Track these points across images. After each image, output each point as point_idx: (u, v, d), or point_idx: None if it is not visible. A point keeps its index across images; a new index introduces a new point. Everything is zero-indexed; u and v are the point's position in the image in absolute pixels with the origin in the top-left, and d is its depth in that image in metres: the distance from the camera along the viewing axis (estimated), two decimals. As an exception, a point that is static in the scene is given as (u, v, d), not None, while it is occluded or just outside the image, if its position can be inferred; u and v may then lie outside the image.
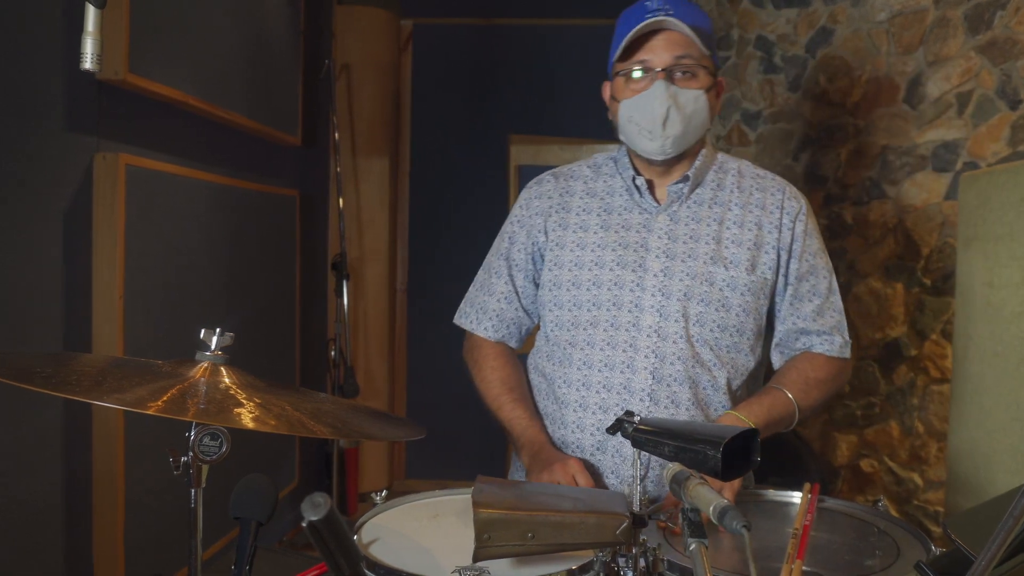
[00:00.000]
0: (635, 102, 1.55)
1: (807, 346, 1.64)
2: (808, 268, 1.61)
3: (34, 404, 1.81)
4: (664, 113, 1.52)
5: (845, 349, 1.64)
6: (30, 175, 1.80)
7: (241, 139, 2.96)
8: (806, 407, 1.56)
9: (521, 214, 1.72)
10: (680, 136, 1.54)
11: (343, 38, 4.19)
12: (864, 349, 2.71)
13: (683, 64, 1.53)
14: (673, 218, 1.60)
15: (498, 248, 1.75)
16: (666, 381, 1.53)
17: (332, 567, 0.75)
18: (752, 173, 1.66)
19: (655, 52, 1.53)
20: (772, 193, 1.62)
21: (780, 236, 1.59)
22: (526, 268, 1.70)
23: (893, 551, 1.22)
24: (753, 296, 1.57)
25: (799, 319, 1.62)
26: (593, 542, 1.14)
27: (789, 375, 1.59)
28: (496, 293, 1.72)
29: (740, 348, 1.58)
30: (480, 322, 1.73)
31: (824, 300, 1.62)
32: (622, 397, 1.55)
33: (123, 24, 1.99)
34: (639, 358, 1.55)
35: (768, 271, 1.58)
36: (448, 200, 4.45)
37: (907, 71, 2.59)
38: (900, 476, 2.62)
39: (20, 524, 1.77)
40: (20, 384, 0.89)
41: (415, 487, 3.84)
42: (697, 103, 1.54)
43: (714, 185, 1.63)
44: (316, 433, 0.99)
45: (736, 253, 1.57)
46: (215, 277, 2.65)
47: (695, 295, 1.55)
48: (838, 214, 2.75)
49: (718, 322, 1.55)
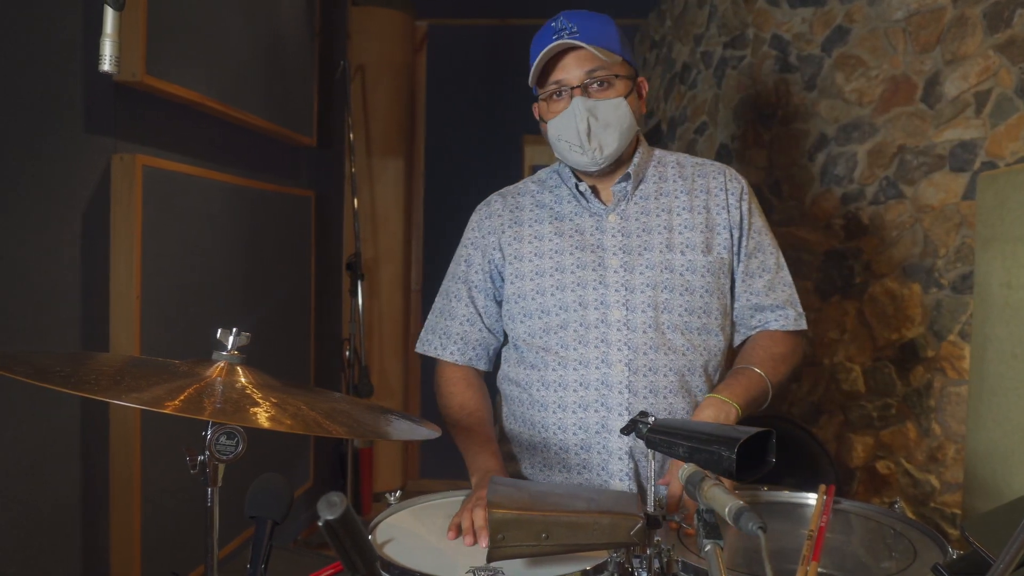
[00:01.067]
0: (558, 121, 1.59)
1: (763, 323, 1.68)
2: (755, 245, 1.66)
3: (52, 403, 1.82)
4: (586, 127, 1.56)
5: (800, 321, 1.69)
6: (49, 176, 1.82)
7: (257, 140, 2.97)
8: (776, 383, 1.61)
9: (474, 236, 1.74)
10: (607, 146, 1.58)
11: (358, 39, 4.21)
12: (880, 350, 2.70)
13: (597, 76, 1.57)
14: (623, 216, 1.64)
15: (455, 273, 1.75)
16: (642, 371, 1.56)
17: (348, 566, 0.75)
18: (691, 162, 1.71)
19: (567, 71, 1.58)
20: (714, 177, 1.67)
21: (729, 216, 1.64)
22: (485, 288, 1.71)
23: (910, 553, 1.21)
24: (713, 276, 1.61)
25: (752, 295, 1.66)
26: (607, 543, 1.14)
27: (756, 353, 1.63)
28: (458, 317, 1.72)
29: (709, 329, 1.61)
30: (445, 347, 1.73)
31: (774, 275, 1.67)
32: (600, 393, 1.57)
33: (140, 26, 2.00)
34: (612, 352, 1.57)
35: (723, 251, 1.63)
36: (462, 200, 4.42)
37: (924, 70, 2.57)
38: (917, 478, 2.60)
39: (38, 522, 1.79)
40: (39, 383, 0.90)
41: (429, 487, 3.85)
42: (618, 110, 1.58)
43: (656, 178, 1.68)
44: (332, 433, 0.99)
45: (690, 237, 1.61)
46: (231, 277, 2.66)
47: (658, 284, 1.58)
48: (854, 214, 2.73)
49: (684, 306, 1.59)
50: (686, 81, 3.67)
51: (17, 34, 1.70)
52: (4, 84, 1.66)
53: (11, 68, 1.68)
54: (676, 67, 3.79)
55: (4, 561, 1.67)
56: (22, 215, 1.73)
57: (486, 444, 1.59)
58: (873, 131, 2.70)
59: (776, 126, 3.02)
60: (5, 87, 1.67)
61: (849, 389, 2.78)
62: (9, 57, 1.68)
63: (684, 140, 3.67)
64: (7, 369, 0.92)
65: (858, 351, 2.75)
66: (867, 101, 2.72)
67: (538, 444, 1.63)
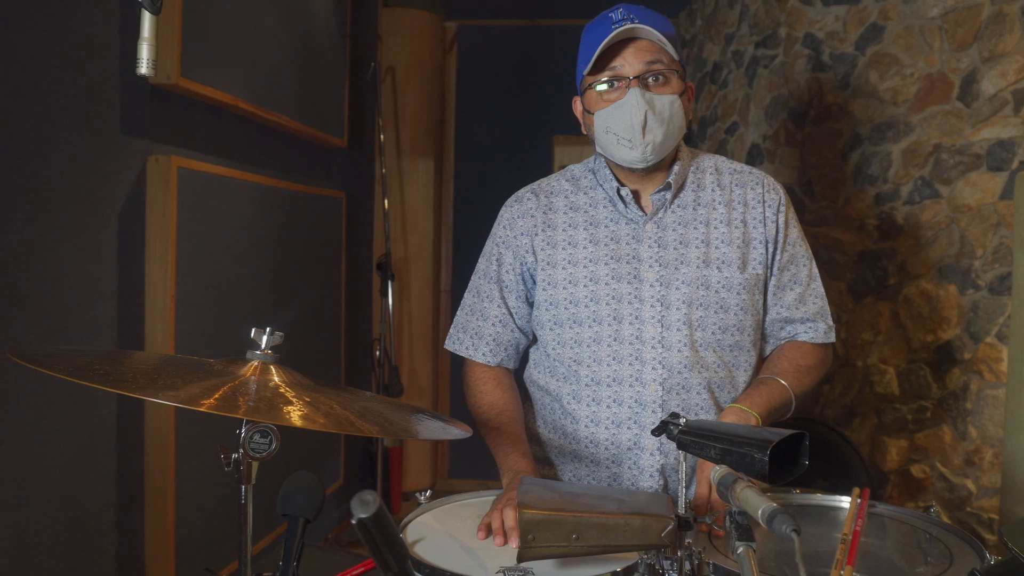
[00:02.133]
0: (611, 112, 1.54)
1: (792, 335, 1.66)
2: (789, 257, 1.63)
3: (90, 401, 1.85)
4: (642, 120, 1.51)
5: (830, 334, 1.66)
6: (86, 177, 1.85)
7: (289, 141, 3.00)
8: (800, 394, 1.59)
9: (505, 235, 1.70)
10: (659, 142, 1.54)
11: (388, 40, 4.23)
12: (915, 352, 2.66)
13: (655, 70, 1.53)
14: (660, 226, 1.60)
15: (486, 271, 1.72)
16: (675, 390, 1.55)
17: (380, 564, 0.75)
18: (729, 168, 1.67)
19: (626, 60, 1.53)
20: (752, 187, 1.64)
21: (766, 229, 1.61)
22: (517, 289, 1.69)
23: (946, 558, 1.20)
24: (748, 293, 1.59)
25: (782, 308, 1.64)
26: (638, 544, 1.14)
27: (780, 364, 1.61)
28: (490, 317, 1.70)
29: (743, 345, 1.60)
30: (477, 347, 1.71)
31: (805, 287, 1.64)
32: (634, 411, 1.56)
33: (175, 29, 2.03)
34: (646, 371, 1.55)
35: (759, 266, 1.60)
36: (492, 201, 4.42)
37: (961, 68, 2.53)
38: (953, 482, 2.56)
39: (76, 516, 1.82)
40: (81, 381, 0.92)
41: (458, 487, 3.85)
42: (673, 107, 1.54)
43: (695, 187, 1.63)
44: (364, 432, 1.00)
45: (727, 253, 1.58)
46: (263, 277, 2.69)
47: (693, 301, 1.56)
48: (889, 214, 2.70)
49: (719, 324, 1.57)
50: (717, 81, 3.64)
51: (55, 38, 1.73)
52: (43, 88, 1.70)
53: (49, 72, 1.72)
54: (707, 67, 3.77)
55: (42, 555, 1.70)
56: (60, 216, 1.76)
57: (516, 444, 1.58)
58: (908, 130, 2.67)
59: (809, 126, 2.99)
60: (44, 91, 1.70)
61: (883, 391, 2.74)
62: (47, 61, 1.71)
63: (715, 140, 3.64)
64: (49, 367, 0.94)
65: (892, 353, 2.72)
66: (902, 100, 2.68)
67: (568, 453, 1.63)
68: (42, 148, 1.70)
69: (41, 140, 1.69)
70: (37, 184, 1.68)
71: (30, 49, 1.65)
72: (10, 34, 1.60)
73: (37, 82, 1.68)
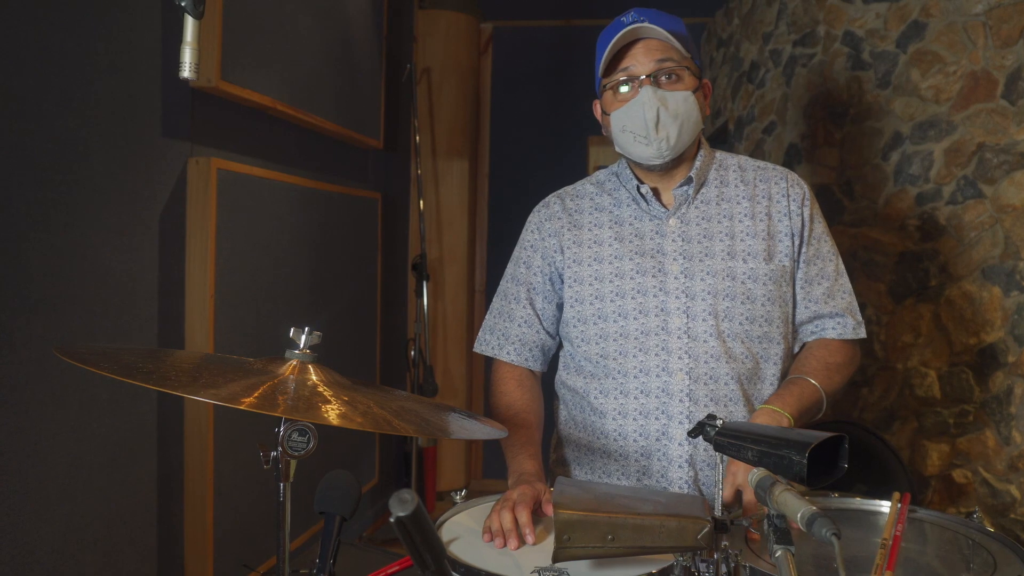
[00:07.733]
0: (625, 111, 1.58)
1: (820, 329, 1.66)
2: (815, 252, 1.64)
3: (131, 398, 1.89)
4: (654, 116, 1.54)
5: (859, 329, 1.66)
6: (128, 179, 1.88)
7: (326, 143, 3.03)
8: (831, 392, 1.58)
9: (533, 238, 1.73)
10: (674, 137, 1.56)
11: (424, 42, 4.25)
12: (957, 355, 2.61)
13: (666, 68, 1.56)
14: (684, 220, 1.62)
15: (514, 275, 1.75)
16: (703, 380, 1.55)
17: (418, 562, 0.76)
18: (753, 166, 1.69)
19: (637, 60, 1.57)
20: (776, 182, 1.65)
21: (791, 223, 1.62)
22: (545, 291, 1.71)
23: (989, 565, 1.17)
24: (775, 284, 1.59)
25: (811, 302, 1.64)
26: (673, 546, 1.13)
27: (810, 363, 1.61)
28: (517, 319, 1.72)
29: (771, 337, 1.60)
30: (502, 347, 1.73)
31: (833, 282, 1.64)
32: (661, 401, 1.56)
33: (216, 33, 2.06)
34: (673, 360, 1.56)
35: (785, 258, 1.61)
36: (527, 202, 4.43)
37: (1006, 65, 2.48)
38: (996, 488, 2.51)
39: (117, 512, 1.86)
40: (125, 379, 0.93)
41: (492, 487, 3.86)
42: (686, 103, 1.56)
43: (718, 183, 1.66)
44: (401, 431, 1.00)
45: (752, 244, 1.59)
46: (300, 277, 2.72)
47: (719, 292, 1.57)
48: (930, 215, 2.65)
49: (746, 315, 1.57)
50: (754, 80, 3.61)
51: (98, 42, 1.76)
52: (86, 91, 1.73)
53: (92, 75, 1.75)
54: (744, 66, 3.73)
55: (83, 550, 1.74)
56: (104, 217, 1.80)
57: (525, 446, 1.59)
58: (951, 129, 2.62)
59: (848, 125, 2.95)
60: (87, 94, 1.74)
61: (924, 395, 2.69)
62: (91, 65, 1.74)
63: (752, 140, 3.61)
64: (95, 365, 0.95)
65: (934, 356, 2.67)
66: (944, 98, 2.64)
67: (597, 450, 1.63)
68: (86, 150, 1.73)
69: (85, 142, 1.73)
70: (81, 185, 1.72)
71: (75, 54, 1.69)
72: (56, 39, 1.63)
73: (82, 86, 1.71)
